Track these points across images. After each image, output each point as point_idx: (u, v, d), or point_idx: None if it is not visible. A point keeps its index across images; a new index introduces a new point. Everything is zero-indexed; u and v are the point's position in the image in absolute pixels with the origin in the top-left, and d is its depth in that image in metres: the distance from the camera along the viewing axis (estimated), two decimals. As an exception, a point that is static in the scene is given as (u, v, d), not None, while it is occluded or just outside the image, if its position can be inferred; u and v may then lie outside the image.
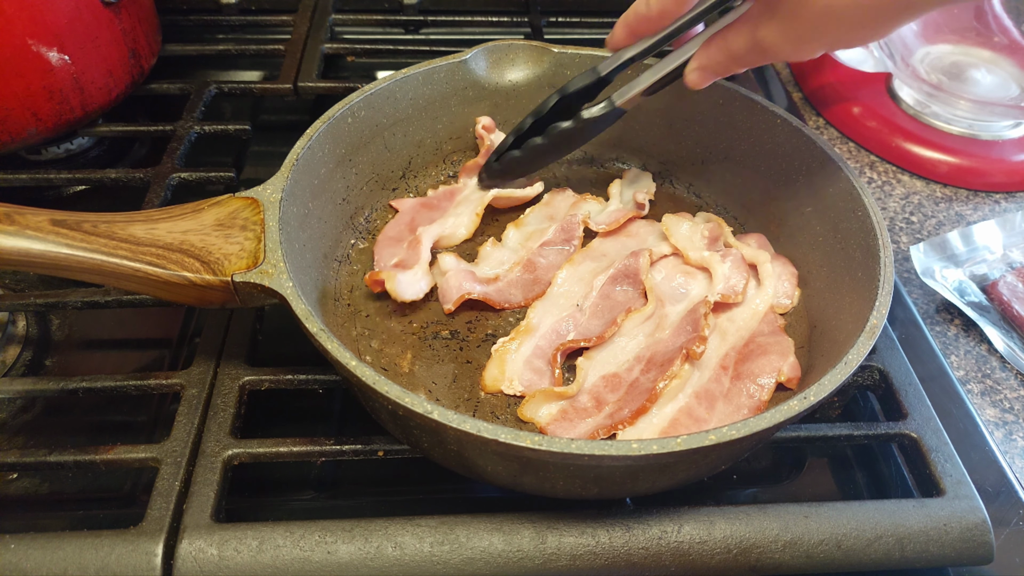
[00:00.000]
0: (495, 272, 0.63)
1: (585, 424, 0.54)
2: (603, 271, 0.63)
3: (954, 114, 0.87)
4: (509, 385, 0.56)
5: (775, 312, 0.60)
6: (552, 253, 0.66)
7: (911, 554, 0.47)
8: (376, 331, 0.59)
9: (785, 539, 0.47)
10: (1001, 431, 0.61)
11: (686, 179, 0.73)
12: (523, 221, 0.69)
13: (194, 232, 0.50)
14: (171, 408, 0.55)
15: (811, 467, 0.58)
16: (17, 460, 0.50)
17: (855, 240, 0.56)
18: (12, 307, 0.60)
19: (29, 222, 0.46)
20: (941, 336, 0.68)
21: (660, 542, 0.46)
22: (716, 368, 0.56)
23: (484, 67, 0.70)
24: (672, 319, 0.59)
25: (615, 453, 0.40)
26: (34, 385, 0.54)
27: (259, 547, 0.45)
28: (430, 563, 0.45)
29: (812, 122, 0.93)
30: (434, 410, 0.40)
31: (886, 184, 0.85)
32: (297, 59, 0.86)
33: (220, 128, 0.77)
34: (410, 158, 0.70)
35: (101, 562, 0.44)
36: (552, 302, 0.62)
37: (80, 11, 0.68)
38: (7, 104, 0.67)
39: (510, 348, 0.58)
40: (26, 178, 0.71)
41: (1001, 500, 0.55)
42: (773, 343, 0.57)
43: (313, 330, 0.44)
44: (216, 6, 0.96)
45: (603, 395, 0.55)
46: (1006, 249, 0.74)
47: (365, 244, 0.66)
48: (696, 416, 0.53)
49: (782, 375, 0.55)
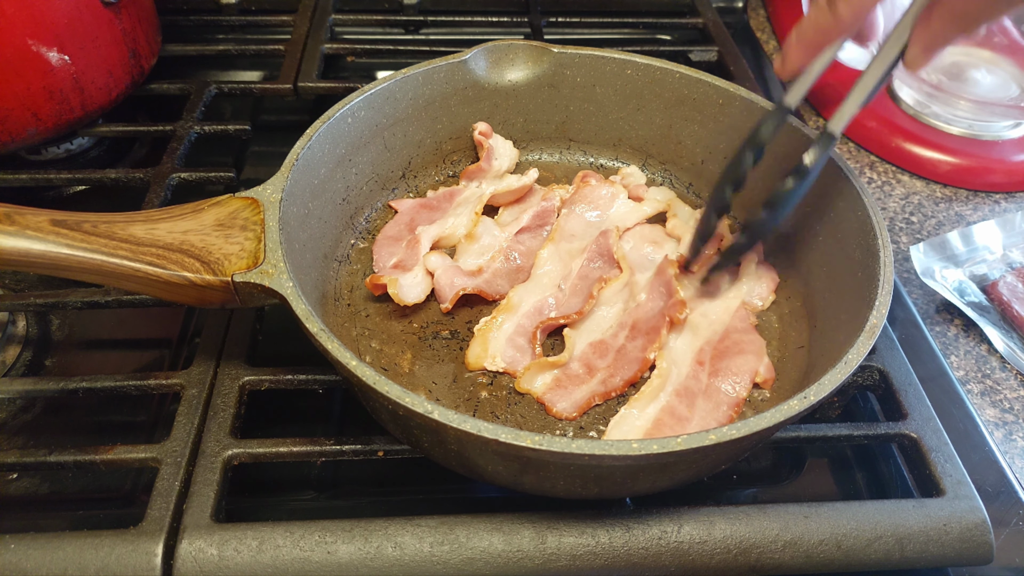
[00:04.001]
0: (477, 264, 0.64)
1: (580, 391, 0.56)
2: (579, 254, 0.65)
3: (954, 114, 0.87)
4: (492, 362, 0.57)
5: (747, 310, 0.61)
6: (528, 239, 0.67)
7: (911, 554, 0.47)
8: (376, 331, 0.59)
9: (785, 539, 0.47)
10: (1001, 431, 0.61)
11: (686, 179, 0.73)
12: (499, 214, 0.70)
13: (194, 232, 0.50)
14: (171, 408, 0.55)
15: (811, 467, 0.58)
16: (17, 460, 0.50)
17: (855, 240, 0.56)
18: (12, 307, 0.60)
19: (29, 222, 0.46)
20: (941, 336, 0.68)
21: (660, 542, 0.47)
22: (692, 363, 0.57)
23: (484, 67, 0.70)
24: (642, 284, 0.62)
25: (615, 453, 0.40)
26: (34, 385, 0.54)
27: (259, 547, 0.45)
28: (430, 563, 0.45)
29: (812, 122, 0.93)
30: (435, 410, 0.40)
31: (886, 184, 0.85)
32: (297, 59, 0.86)
33: (220, 128, 0.77)
34: (410, 158, 0.70)
35: (101, 562, 0.44)
36: (535, 283, 0.63)
37: (80, 11, 0.68)
38: (7, 104, 0.67)
39: (492, 326, 0.59)
40: (26, 178, 0.71)
41: (1001, 500, 0.55)
42: (747, 342, 0.58)
43: (313, 330, 0.44)
44: (216, 6, 0.96)
45: (593, 361, 0.58)
46: (1006, 249, 0.74)
47: (365, 244, 0.66)
48: (678, 415, 0.54)
49: (759, 376, 0.56)
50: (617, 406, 0.55)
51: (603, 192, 0.69)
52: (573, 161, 0.75)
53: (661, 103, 0.70)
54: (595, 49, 0.70)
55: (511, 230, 0.67)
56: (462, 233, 0.66)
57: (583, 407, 0.55)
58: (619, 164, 0.75)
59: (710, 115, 0.68)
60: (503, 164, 0.71)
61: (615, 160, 0.75)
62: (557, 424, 0.54)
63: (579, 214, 0.68)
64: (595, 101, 0.72)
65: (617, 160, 0.75)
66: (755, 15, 1.11)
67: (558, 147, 0.75)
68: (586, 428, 0.54)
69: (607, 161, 0.75)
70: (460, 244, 0.65)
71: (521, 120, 0.73)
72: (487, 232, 0.66)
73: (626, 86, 0.70)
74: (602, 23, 0.99)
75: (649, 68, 0.69)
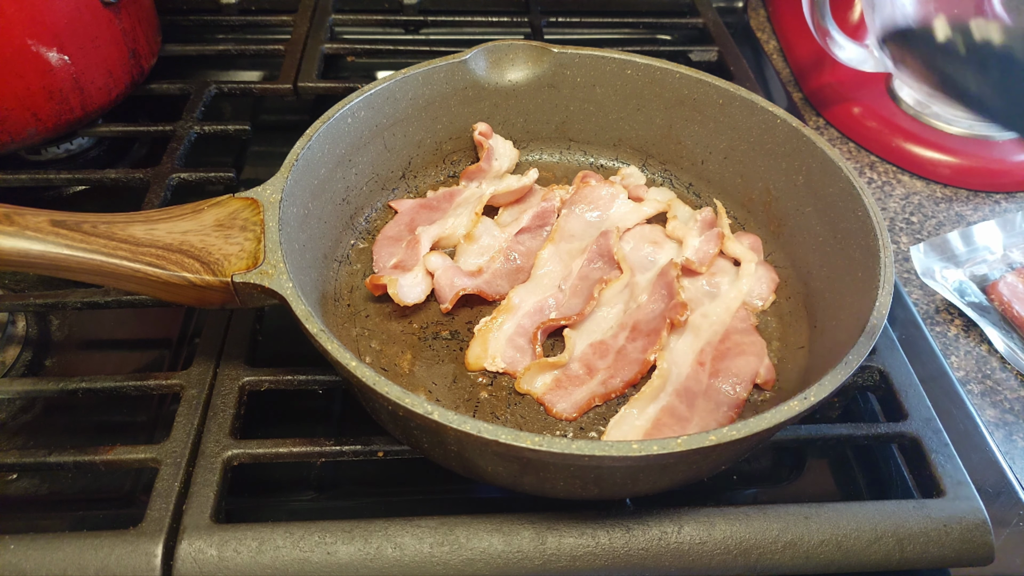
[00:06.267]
0: (477, 264, 0.64)
1: (580, 391, 0.56)
2: (579, 254, 0.64)
3: (954, 114, 0.87)
4: (492, 362, 0.57)
5: (748, 310, 0.61)
6: (528, 239, 0.67)
7: (911, 555, 0.47)
8: (376, 331, 0.59)
9: (785, 540, 0.47)
10: (1001, 431, 0.61)
11: (686, 179, 0.73)
12: (498, 214, 0.70)
13: (194, 233, 0.50)
14: (171, 408, 0.55)
15: (811, 468, 0.58)
16: (17, 460, 0.50)
17: (855, 240, 0.56)
18: (12, 307, 0.60)
19: (29, 222, 0.46)
20: (941, 336, 0.68)
21: (660, 543, 0.46)
22: (693, 364, 0.57)
23: (484, 67, 0.70)
24: (644, 285, 0.62)
25: (615, 454, 0.40)
26: (34, 385, 0.54)
27: (259, 548, 0.45)
28: (430, 564, 0.45)
29: (812, 122, 0.93)
30: (434, 411, 0.40)
31: (886, 184, 0.85)
32: (297, 59, 0.86)
33: (220, 128, 0.77)
34: (410, 158, 0.70)
35: (101, 562, 0.44)
36: (536, 283, 0.63)
37: (80, 11, 0.68)
38: (7, 104, 0.67)
39: (492, 326, 0.59)
40: (26, 178, 0.71)
41: (1001, 501, 0.55)
42: (748, 343, 0.58)
43: (313, 331, 0.44)
44: (216, 6, 0.96)
45: (593, 362, 0.58)
46: (1006, 249, 0.74)
47: (365, 244, 0.66)
48: (678, 415, 0.54)
49: (760, 377, 0.56)
50: (617, 406, 0.55)
51: (603, 192, 0.69)
52: (573, 161, 0.75)
53: (661, 103, 0.70)
54: (595, 49, 0.70)
55: (511, 230, 0.67)
56: (462, 233, 0.66)
57: (583, 408, 0.55)
58: (619, 164, 0.75)
59: (710, 115, 0.68)
60: (503, 164, 0.71)
61: (615, 160, 0.75)
62: (557, 425, 0.54)
63: (579, 214, 0.68)
64: (595, 101, 0.72)
65: (617, 160, 0.75)
66: (755, 15, 1.11)
67: (558, 147, 0.75)
68: (586, 429, 0.54)
69: (607, 161, 0.75)
70: (460, 244, 0.65)
71: (521, 120, 0.73)
72: (487, 232, 0.66)
73: (626, 86, 0.70)
74: (602, 23, 0.99)
75: (649, 68, 0.69)
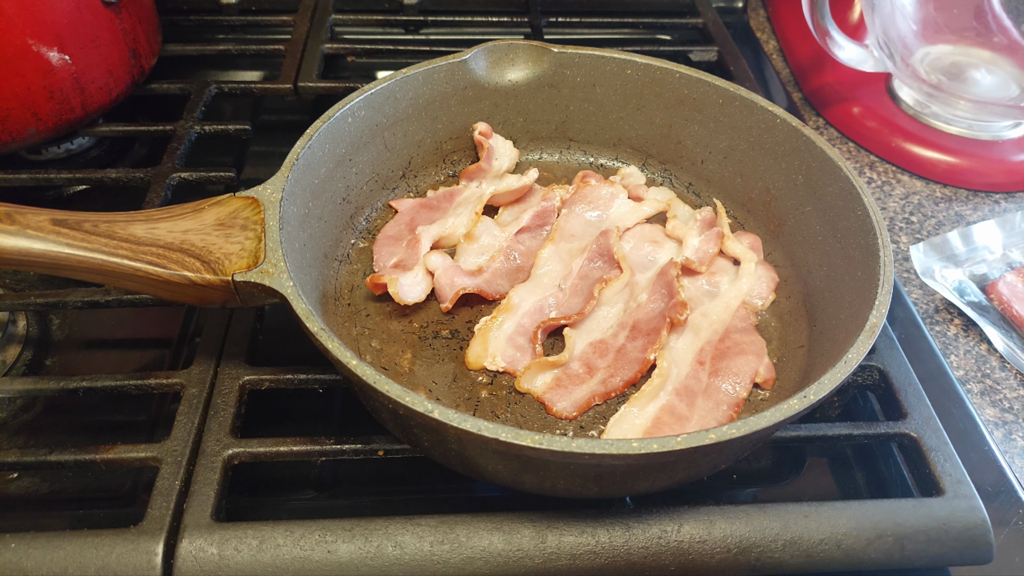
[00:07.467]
0: (477, 264, 0.64)
1: (580, 390, 0.56)
2: (579, 253, 0.65)
3: (954, 114, 0.87)
4: (492, 361, 0.57)
5: (747, 310, 0.61)
6: (528, 239, 0.67)
7: (911, 554, 0.47)
8: (376, 330, 0.59)
9: (785, 538, 0.47)
10: (1001, 431, 0.61)
11: (686, 179, 0.73)
12: (498, 214, 0.70)
13: (194, 232, 0.50)
14: (171, 408, 0.55)
15: (811, 467, 0.58)
16: (17, 460, 0.50)
17: (855, 240, 0.56)
18: (12, 307, 0.60)
19: (30, 222, 0.46)
20: (941, 336, 0.68)
21: (660, 541, 0.47)
22: (693, 363, 0.57)
23: (484, 67, 0.70)
24: (644, 284, 0.62)
25: (615, 452, 0.40)
26: (34, 385, 0.54)
27: (259, 546, 0.45)
28: (430, 563, 0.45)
29: (812, 122, 0.93)
30: (435, 409, 0.40)
31: (886, 184, 0.85)
32: (297, 59, 0.86)
33: (220, 128, 0.77)
34: (410, 158, 0.70)
35: (101, 561, 0.44)
36: (536, 282, 0.63)
37: (80, 11, 0.68)
38: (7, 104, 0.67)
39: (492, 325, 0.59)
40: (26, 178, 0.71)
41: (1001, 500, 0.55)
42: (748, 342, 0.58)
43: (313, 329, 0.44)
44: (216, 6, 0.96)
45: (593, 361, 0.58)
46: (1006, 249, 0.74)
47: (365, 244, 0.66)
48: (678, 414, 0.54)
49: (759, 376, 0.56)
50: (617, 405, 0.55)
51: (603, 192, 0.69)
52: (573, 161, 0.76)
53: (661, 103, 0.70)
54: (595, 49, 0.70)
55: (511, 230, 0.67)
56: (462, 233, 0.66)
57: (583, 407, 0.55)
58: (619, 164, 0.75)
59: (710, 115, 0.68)
60: (503, 164, 0.71)
61: (615, 160, 0.75)
62: (557, 423, 0.55)
63: (579, 214, 0.68)
64: (595, 101, 0.72)
65: (617, 160, 0.75)
66: (755, 15, 1.11)
67: (558, 147, 0.75)
68: (586, 427, 0.54)
69: (607, 161, 0.75)
70: (460, 244, 0.65)
71: (521, 120, 0.73)
72: (487, 232, 0.66)
73: (626, 86, 0.70)
74: (602, 23, 0.99)
75: (649, 68, 0.69)
